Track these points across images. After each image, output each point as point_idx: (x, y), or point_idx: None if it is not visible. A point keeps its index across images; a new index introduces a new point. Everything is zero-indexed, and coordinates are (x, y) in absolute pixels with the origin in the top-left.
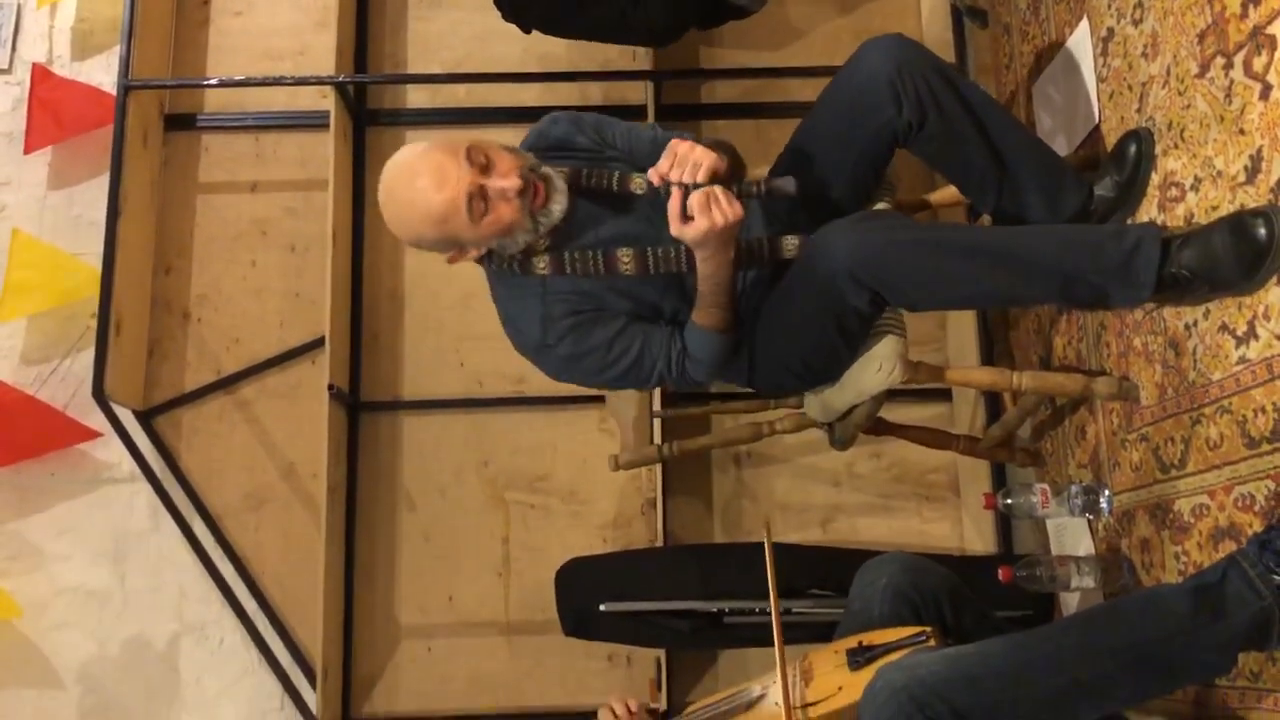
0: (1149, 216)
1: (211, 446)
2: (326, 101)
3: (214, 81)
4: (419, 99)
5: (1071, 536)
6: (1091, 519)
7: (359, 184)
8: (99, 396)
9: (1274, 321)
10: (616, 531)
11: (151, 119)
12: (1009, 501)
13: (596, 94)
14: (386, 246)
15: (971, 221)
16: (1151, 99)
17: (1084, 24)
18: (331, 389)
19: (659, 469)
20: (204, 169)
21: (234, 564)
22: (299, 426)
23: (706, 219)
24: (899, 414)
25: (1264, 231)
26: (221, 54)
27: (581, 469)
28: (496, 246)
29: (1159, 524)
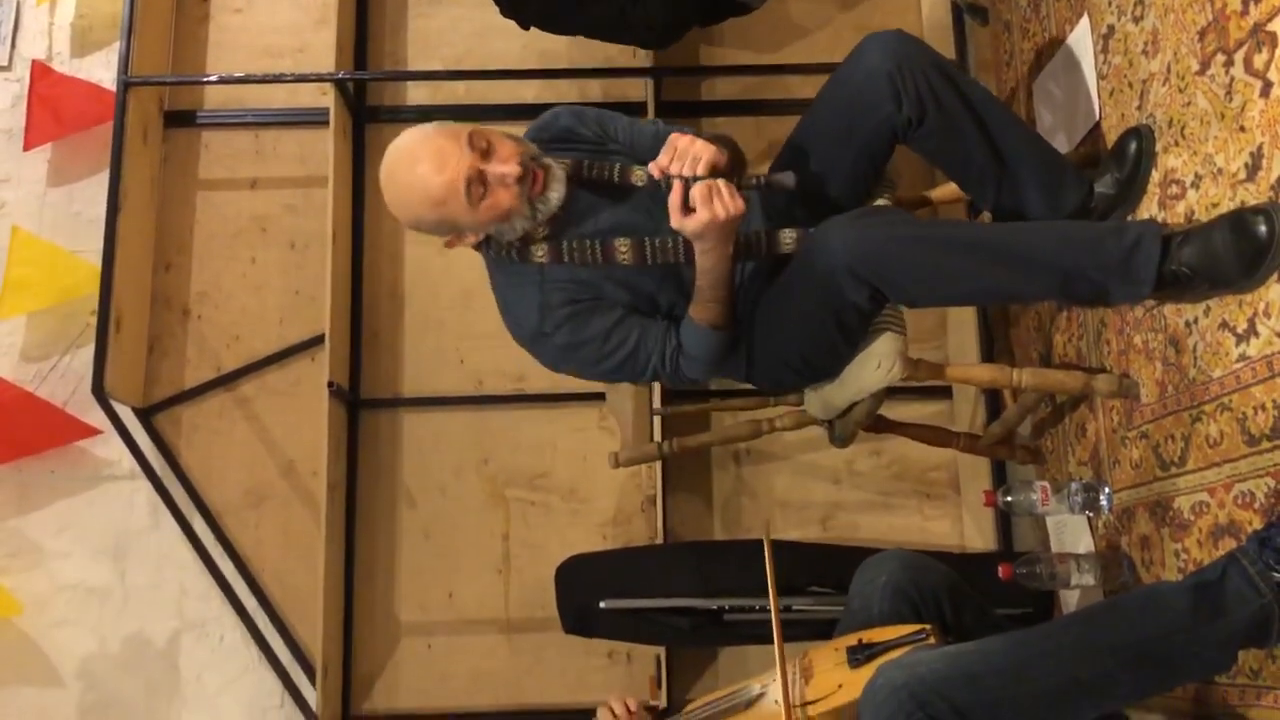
0: (1149, 214)
1: (211, 444)
2: (326, 98)
3: (214, 78)
4: (419, 96)
5: (1071, 534)
6: (1091, 516)
7: (359, 181)
8: (99, 393)
9: (1274, 319)
10: (616, 529)
11: (151, 116)
12: (1009, 499)
13: (596, 91)
14: (386, 243)
15: (972, 218)
16: (1152, 96)
17: (1084, 21)
18: (331, 386)
19: (659, 466)
20: (204, 166)
21: (234, 561)
22: (299, 424)
23: (708, 211)
24: (899, 411)
25: (1264, 229)
26: (221, 51)
27: (581, 466)
28: (494, 233)
29: (1159, 521)
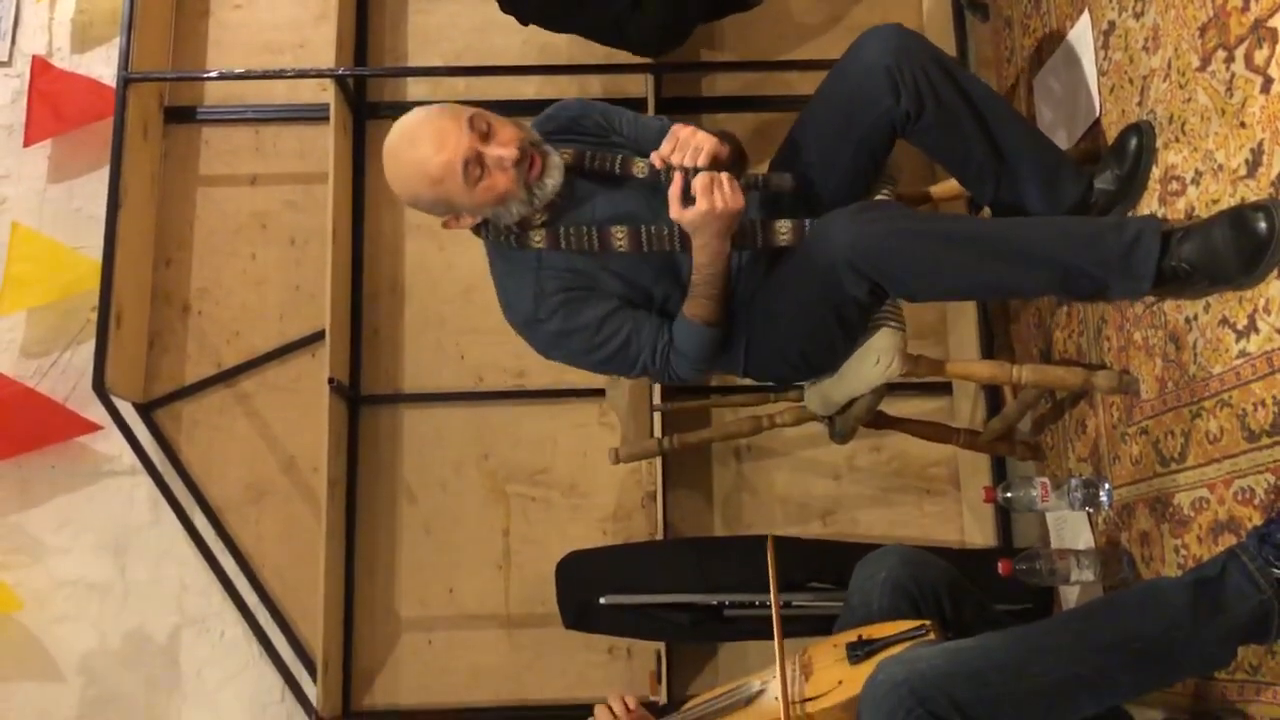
0: (1149, 210)
1: (212, 440)
2: (326, 94)
3: (214, 74)
4: (419, 92)
5: (1071, 530)
6: (1091, 512)
7: (359, 177)
8: (99, 389)
9: (1274, 315)
10: (617, 524)
11: (151, 112)
12: (1009, 495)
13: (596, 86)
14: (387, 239)
15: (973, 214)
16: (1152, 92)
17: (1085, 17)
18: (332, 382)
19: (659, 462)
20: (204, 162)
21: (234, 557)
22: (299, 420)
23: (707, 201)
24: (899, 407)
25: (1264, 225)
26: (221, 47)
27: (582, 462)
28: (491, 216)
29: (1159, 517)
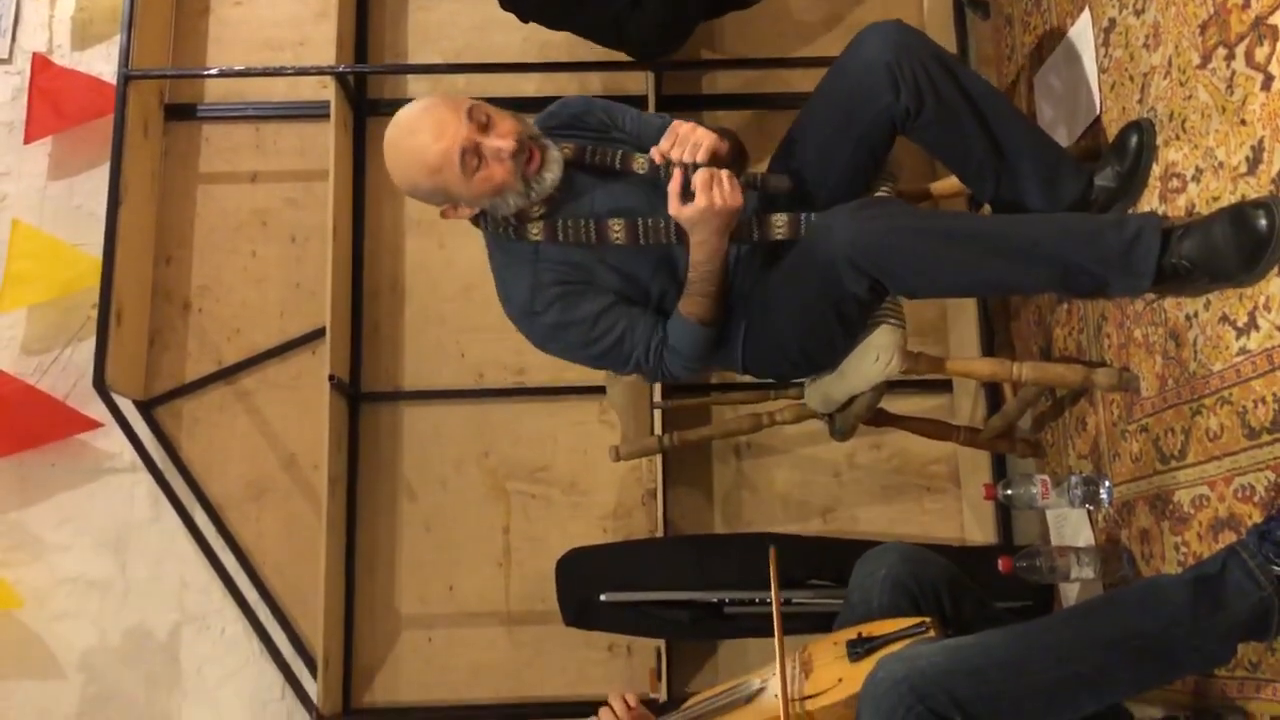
0: (1150, 207)
1: (212, 437)
2: (327, 92)
3: (214, 72)
4: (419, 89)
5: (1071, 527)
6: (1091, 510)
7: (359, 174)
8: (100, 386)
9: (1275, 313)
10: (617, 522)
11: (152, 109)
12: (1009, 492)
13: (597, 84)
14: (387, 237)
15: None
16: (1153, 90)
17: (1086, 14)
18: (332, 379)
19: (659, 460)
20: (204, 159)
21: (235, 554)
22: (300, 417)
23: (706, 197)
24: (899, 405)
25: (1265, 222)
26: (222, 44)
27: (582, 460)
28: (489, 207)
29: (1159, 515)
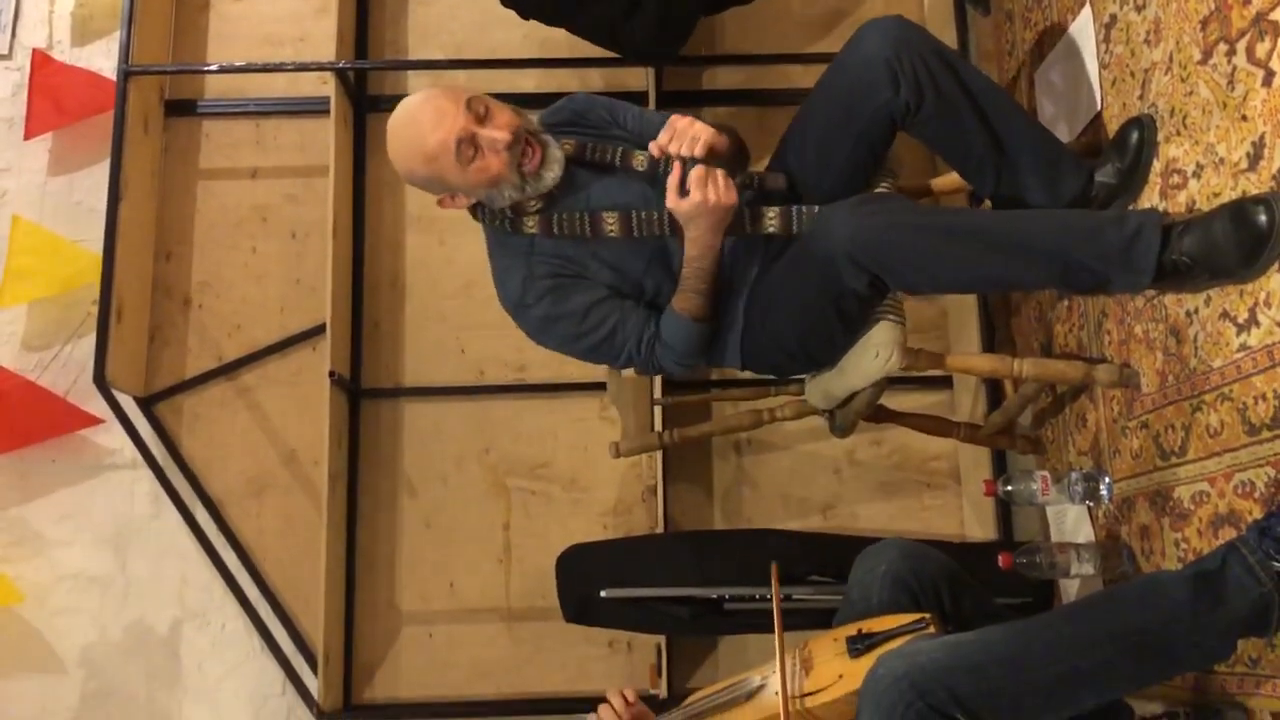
0: (1150, 203)
1: (213, 433)
2: (327, 87)
3: (214, 67)
4: (419, 85)
5: (1072, 523)
6: (1091, 506)
7: (359, 171)
8: (100, 383)
9: (1275, 309)
10: (617, 518)
11: (152, 105)
12: (1009, 488)
13: (597, 80)
14: (387, 233)
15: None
16: (1154, 86)
17: (1086, 10)
18: (333, 375)
19: (659, 456)
20: (204, 155)
21: (235, 550)
22: (300, 413)
23: (700, 193)
24: (900, 401)
25: (1265, 219)
26: (222, 40)
27: (582, 456)
28: (485, 198)
29: (1159, 511)
